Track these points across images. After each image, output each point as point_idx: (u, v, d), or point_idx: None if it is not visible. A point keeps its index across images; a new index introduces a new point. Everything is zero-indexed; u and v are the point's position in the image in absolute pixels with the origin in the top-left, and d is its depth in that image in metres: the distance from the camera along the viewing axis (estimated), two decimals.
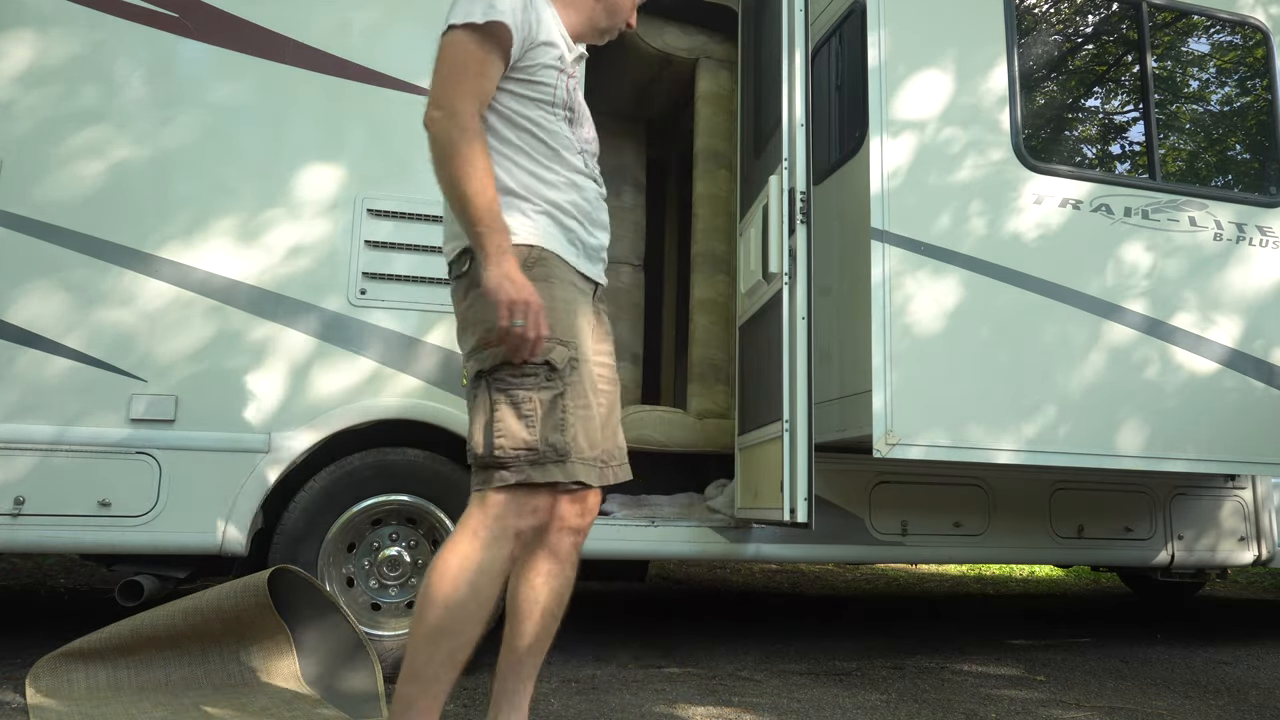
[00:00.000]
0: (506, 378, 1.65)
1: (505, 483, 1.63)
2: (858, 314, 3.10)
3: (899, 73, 3.15)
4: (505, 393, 1.65)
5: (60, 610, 3.95)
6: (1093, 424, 3.15)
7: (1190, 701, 2.90)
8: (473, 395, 1.70)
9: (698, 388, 3.85)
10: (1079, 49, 3.57)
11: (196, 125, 2.82)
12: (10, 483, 2.52)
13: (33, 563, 5.38)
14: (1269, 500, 4.02)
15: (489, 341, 1.66)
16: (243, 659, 2.47)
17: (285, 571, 2.53)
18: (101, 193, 2.71)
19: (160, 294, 2.71)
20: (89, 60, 2.76)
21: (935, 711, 2.64)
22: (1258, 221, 3.50)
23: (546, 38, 1.78)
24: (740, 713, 2.54)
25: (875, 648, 3.69)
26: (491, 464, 1.64)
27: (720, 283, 3.94)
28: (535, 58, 1.76)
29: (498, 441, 1.63)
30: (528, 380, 1.65)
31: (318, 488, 2.78)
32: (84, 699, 2.28)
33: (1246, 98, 3.72)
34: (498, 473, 1.64)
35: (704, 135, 4.03)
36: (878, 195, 3.04)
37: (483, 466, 1.66)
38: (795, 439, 2.72)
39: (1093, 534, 3.71)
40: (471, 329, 1.72)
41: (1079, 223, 3.27)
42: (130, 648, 2.39)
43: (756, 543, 3.20)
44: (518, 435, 1.63)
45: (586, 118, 1.91)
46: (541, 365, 1.66)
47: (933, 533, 3.49)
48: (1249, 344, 3.40)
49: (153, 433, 2.64)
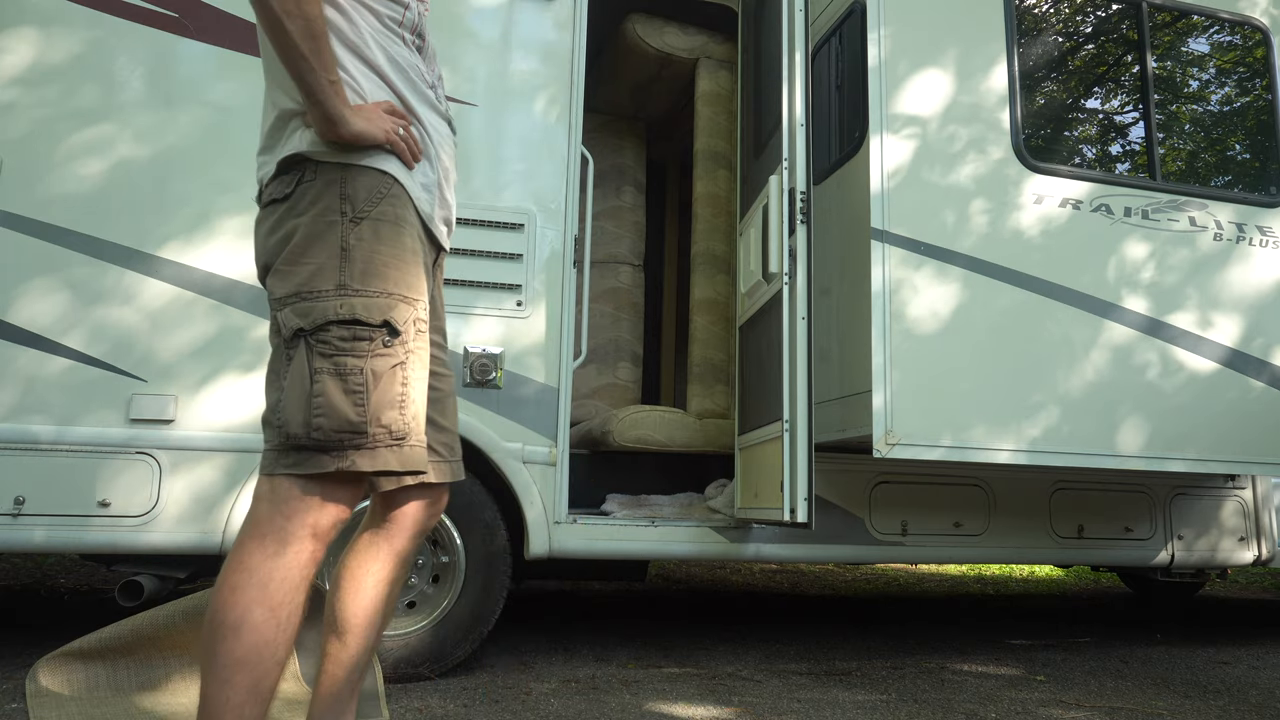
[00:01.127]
0: (335, 340, 1.34)
1: (321, 469, 1.32)
2: (858, 314, 3.10)
3: (899, 72, 3.15)
4: (331, 359, 1.33)
5: (60, 610, 3.95)
6: (1093, 424, 3.16)
7: (1190, 701, 2.90)
8: (285, 356, 1.36)
9: (698, 388, 3.85)
10: (1079, 49, 3.57)
11: (196, 125, 2.82)
12: (10, 483, 2.52)
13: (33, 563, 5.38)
14: (1269, 500, 4.02)
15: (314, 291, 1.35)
16: None
17: None
18: (102, 192, 2.71)
19: (160, 294, 2.71)
20: (89, 60, 2.76)
21: (935, 711, 2.64)
22: (1258, 221, 3.50)
23: None
24: (740, 713, 2.54)
25: (875, 648, 3.69)
26: (307, 445, 1.32)
27: (720, 283, 3.94)
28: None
29: (316, 421, 1.32)
30: (360, 345, 1.34)
31: None
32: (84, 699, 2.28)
33: (1246, 98, 3.72)
34: (315, 456, 1.33)
35: (704, 135, 4.03)
36: (878, 195, 3.04)
37: (293, 448, 1.33)
38: (795, 439, 2.72)
39: (1093, 534, 3.71)
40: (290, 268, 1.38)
41: (1079, 222, 3.27)
42: (130, 648, 2.39)
43: (756, 543, 3.20)
44: (342, 414, 1.32)
45: (435, 54, 1.67)
46: (380, 326, 1.36)
47: (933, 533, 3.49)
48: (1249, 344, 3.40)
49: (153, 433, 2.64)
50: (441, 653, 2.81)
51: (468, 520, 2.88)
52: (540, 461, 2.94)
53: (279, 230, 1.41)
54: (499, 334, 2.96)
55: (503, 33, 3.13)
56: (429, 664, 2.79)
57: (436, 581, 2.88)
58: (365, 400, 1.34)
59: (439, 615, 2.82)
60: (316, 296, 1.35)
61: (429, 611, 2.83)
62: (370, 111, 1.42)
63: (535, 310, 3.00)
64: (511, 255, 3.01)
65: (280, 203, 1.42)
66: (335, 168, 1.41)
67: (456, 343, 2.91)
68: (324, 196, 1.39)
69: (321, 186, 1.40)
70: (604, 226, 4.63)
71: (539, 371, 2.98)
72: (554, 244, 3.06)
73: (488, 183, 3.03)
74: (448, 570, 2.88)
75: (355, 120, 1.39)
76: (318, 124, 1.39)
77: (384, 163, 1.44)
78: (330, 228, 1.38)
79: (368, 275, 1.37)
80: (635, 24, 4.06)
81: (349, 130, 1.38)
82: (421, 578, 2.89)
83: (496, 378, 2.93)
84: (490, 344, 2.95)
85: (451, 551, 2.88)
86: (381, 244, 1.40)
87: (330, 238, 1.37)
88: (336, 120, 1.37)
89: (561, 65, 3.17)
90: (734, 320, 3.87)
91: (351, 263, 1.37)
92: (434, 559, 2.90)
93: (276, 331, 1.39)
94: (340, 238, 1.38)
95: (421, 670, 2.77)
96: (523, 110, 3.11)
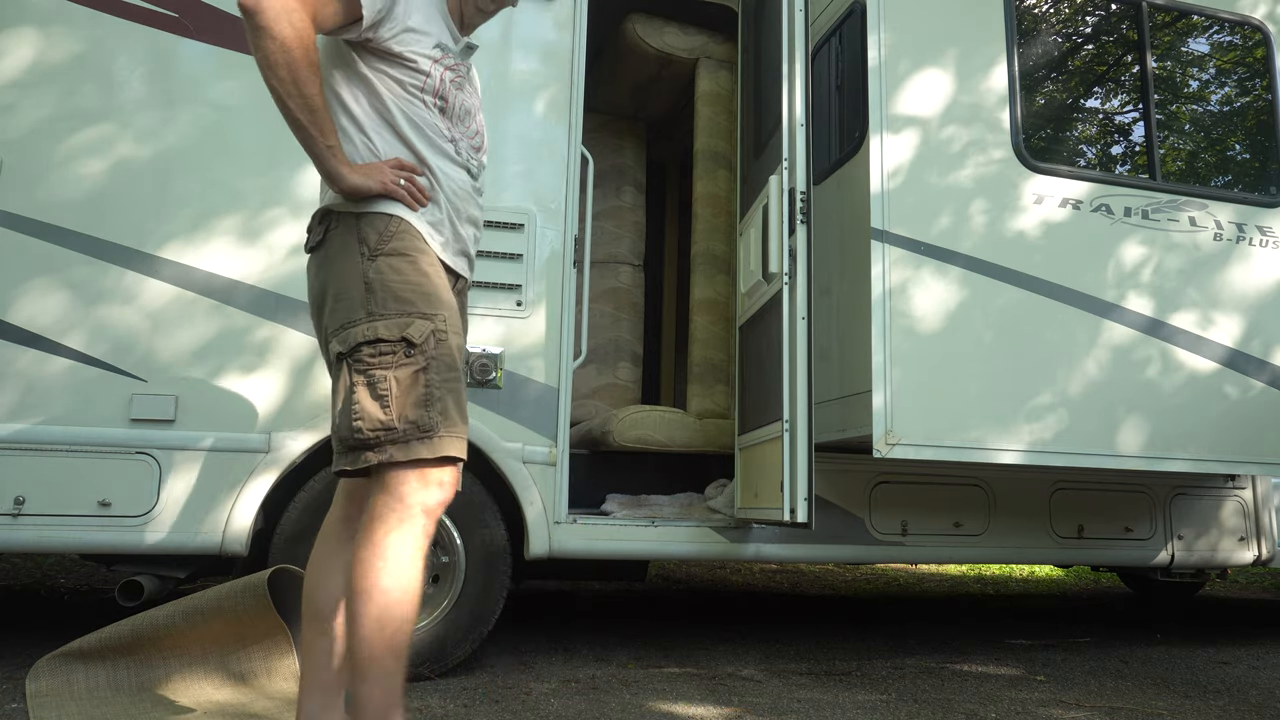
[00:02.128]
0: (365, 358, 1.61)
1: (367, 463, 1.59)
2: (858, 314, 3.10)
3: (899, 72, 3.15)
4: (363, 373, 1.61)
5: (60, 610, 3.95)
6: (1093, 424, 3.16)
7: (1190, 701, 2.90)
8: (335, 378, 1.66)
9: (698, 388, 3.85)
10: (1079, 49, 3.57)
11: (197, 125, 2.82)
12: (10, 483, 2.52)
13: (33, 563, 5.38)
14: (1269, 500, 4.02)
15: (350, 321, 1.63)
16: (243, 659, 2.47)
17: (285, 571, 2.53)
18: (102, 192, 2.71)
19: (161, 294, 2.71)
20: (89, 60, 2.76)
21: (935, 711, 2.64)
22: (1258, 221, 3.50)
23: (418, 25, 1.74)
24: (740, 713, 2.54)
25: (875, 648, 3.69)
26: (355, 444, 1.60)
27: (720, 283, 3.94)
28: (406, 43, 1.71)
29: (355, 424, 1.59)
30: (385, 358, 1.61)
31: (318, 488, 2.78)
32: (84, 699, 2.28)
33: (1246, 98, 3.72)
34: (362, 454, 1.60)
35: (704, 135, 4.03)
36: (878, 195, 3.04)
37: (348, 449, 1.61)
38: (795, 439, 2.72)
39: (1093, 534, 3.71)
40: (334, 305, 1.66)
41: (1079, 222, 3.27)
42: (130, 648, 2.39)
43: (756, 543, 3.20)
44: (374, 416, 1.59)
45: (470, 113, 1.86)
46: (398, 341, 1.61)
47: (933, 533, 3.49)
48: (1249, 344, 3.40)
49: (153, 433, 2.64)
50: (441, 653, 2.81)
51: (468, 520, 2.88)
52: (540, 461, 2.94)
53: (320, 274, 1.70)
54: (499, 334, 2.96)
55: (503, 33, 3.13)
56: (429, 664, 2.79)
57: (436, 581, 2.88)
58: (390, 403, 1.59)
59: (439, 615, 2.82)
60: (351, 324, 1.63)
61: (429, 611, 2.83)
62: (369, 167, 1.67)
63: (535, 310, 3.00)
64: (511, 255, 3.01)
65: (317, 250, 1.72)
66: (350, 216, 1.69)
67: None
68: (346, 242, 1.68)
69: (343, 233, 1.68)
70: (604, 226, 4.63)
71: (539, 371, 2.98)
72: (554, 244, 3.06)
73: (488, 183, 3.03)
74: (448, 570, 2.88)
75: (352, 176, 1.65)
76: (324, 181, 1.68)
77: (389, 207, 1.69)
78: (354, 266, 1.66)
79: (387, 300, 1.63)
80: (635, 24, 4.06)
81: (346, 185, 1.65)
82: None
83: (496, 378, 2.93)
84: (490, 344, 2.95)
85: (451, 552, 2.88)
86: (396, 273, 1.65)
87: (355, 275, 1.65)
88: (335, 177, 1.65)
89: (561, 65, 3.17)
90: (734, 320, 3.87)
91: (373, 293, 1.63)
92: (434, 559, 2.90)
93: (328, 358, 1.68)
94: (362, 274, 1.65)
95: (421, 670, 2.77)
96: (523, 110, 3.11)
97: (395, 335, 1.61)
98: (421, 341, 1.62)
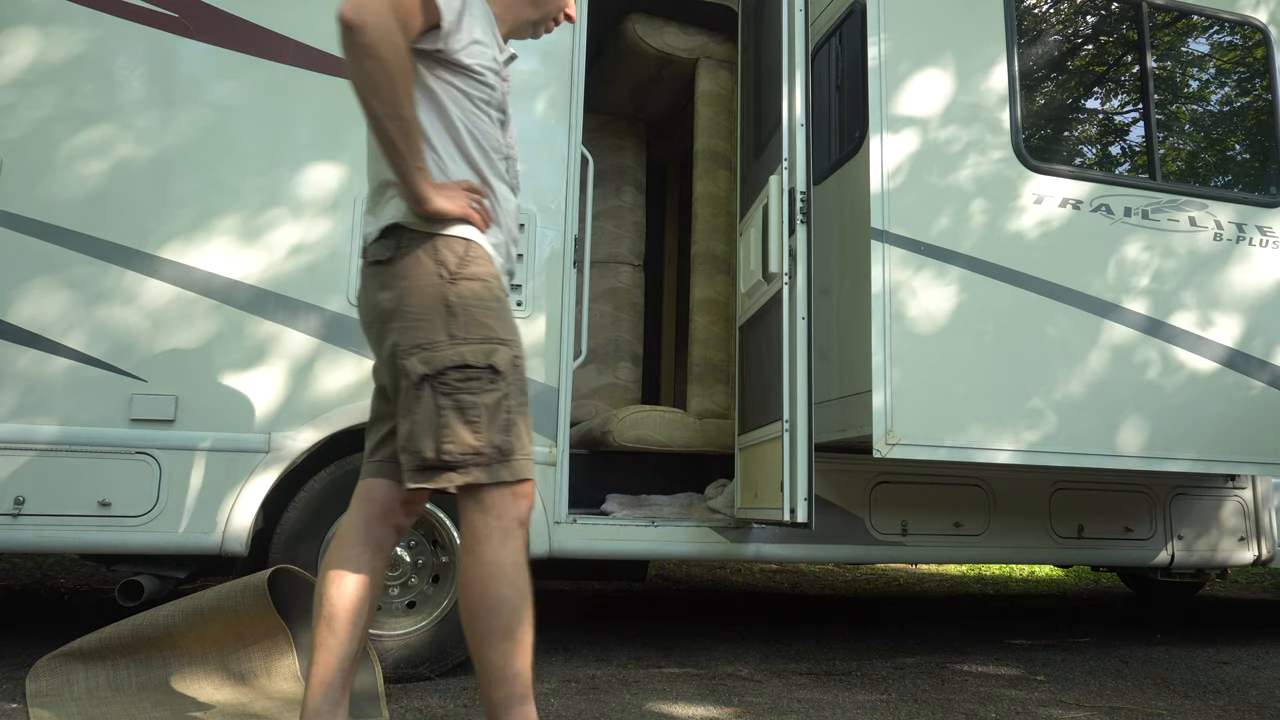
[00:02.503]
0: (453, 383, 1.64)
1: (449, 483, 1.65)
2: (858, 314, 3.10)
3: (899, 72, 3.15)
4: (451, 398, 1.64)
5: (60, 610, 3.95)
6: (1093, 424, 3.16)
7: (1190, 701, 2.90)
8: (414, 395, 1.67)
9: (698, 388, 3.85)
10: (1079, 49, 3.57)
11: (197, 125, 2.82)
12: (10, 483, 2.52)
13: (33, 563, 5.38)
14: (1269, 500, 4.02)
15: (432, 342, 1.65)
16: (243, 659, 2.47)
17: (285, 571, 2.53)
18: (102, 192, 2.71)
19: (161, 294, 2.71)
20: (89, 60, 2.76)
21: (935, 711, 2.64)
22: (1258, 221, 3.50)
23: (482, 36, 1.76)
24: (740, 713, 2.54)
25: (875, 648, 3.69)
26: (438, 465, 1.64)
27: (720, 283, 3.94)
28: (475, 55, 1.73)
29: (445, 447, 1.63)
30: (473, 384, 1.65)
31: (318, 488, 2.78)
32: (84, 699, 2.28)
33: (1246, 98, 3.72)
34: (444, 474, 1.64)
35: (704, 135, 4.03)
36: (878, 195, 3.04)
37: (427, 468, 1.66)
38: (795, 439, 2.72)
39: (1093, 534, 3.71)
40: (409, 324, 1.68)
41: (1079, 222, 3.27)
42: (130, 648, 2.39)
43: (756, 543, 3.20)
44: (465, 441, 1.64)
45: (511, 121, 1.91)
46: (485, 369, 1.67)
47: (933, 533, 3.49)
48: (1249, 344, 3.40)
49: (153, 433, 2.64)
50: (441, 653, 2.81)
51: None
52: (540, 461, 2.94)
53: (388, 289, 1.70)
54: None
55: None
56: (429, 664, 2.79)
57: (436, 581, 2.88)
58: (481, 429, 1.64)
59: (439, 615, 2.82)
60: (434, 347, 1.65)
61: (429, 611, 2.84)
62: (451, 190, 1.70)
63: (535, 310, 3.00)
64: None
65: (384, 265, 1.71)
66: (426, 236, 1.69)
67: None
68: (423, 262, 1.68)
69: (419, 252, 1.69)
70: (604, 226, 4.63)
71: (539, 371, 2.98)
72: (554, 244, 3.06)
73: None
74: (448, 570, 2.88)
75: (438, 199, 1.67)
76: (408, 201, 1.67)
77: (465, 231, 1.71)
78: (434, 288, 1.67)
79: (470, 325, 1.67)
80: (635, 24, 4.06)
81: (433, 208, 1.66)
82: (421, 578, 2.89)
83: None
84: None
85: (451, 552, 2.88)
86: (476, 298, 1.68)
87: (434, 296, 1.67)
88: (423, 199, 1.65)
89: (561, 65, 3.17)
90: (734, 320, 3.88)
91: (455, 316, 1.66)
92: (434, 559, 2.90)
93: (405, 375, 1.67)
94: (442, 296, 1.67)
95: (421, 670, 2.77)
96: (523, 110, 3.11)
97: (483, 362, 1.66)
98: (504, 369, 1.68)
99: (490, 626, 1.61)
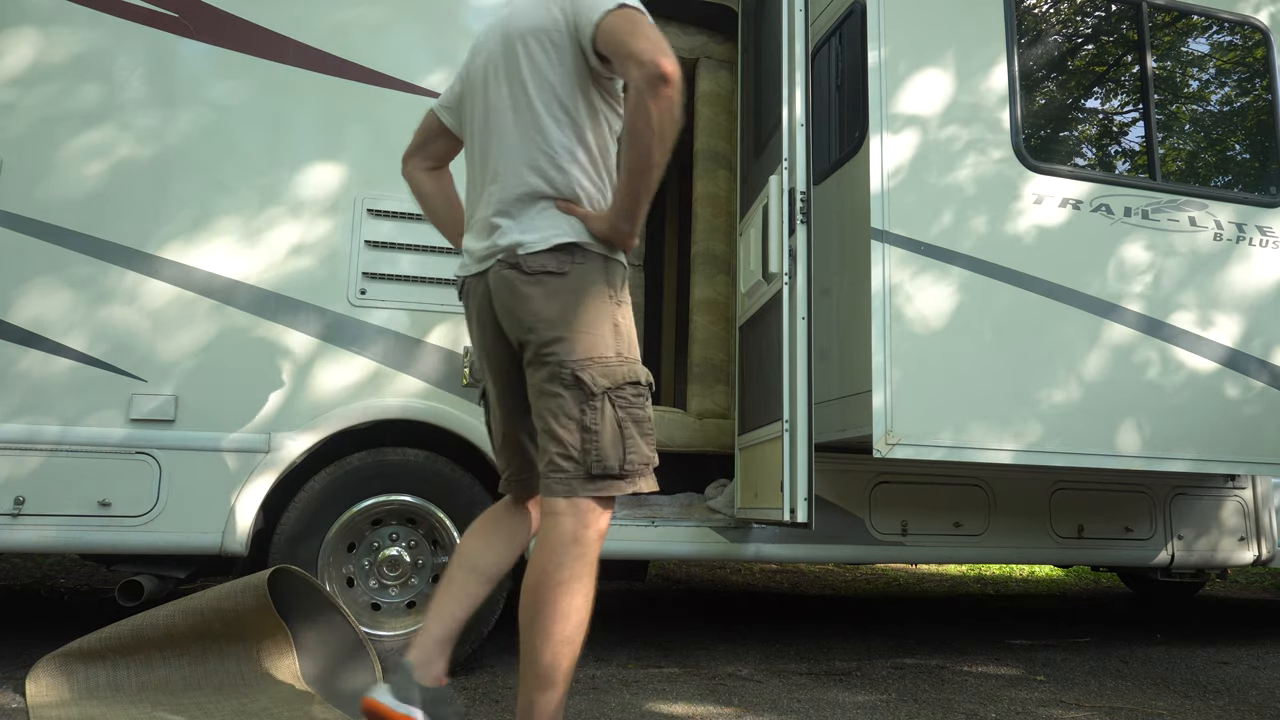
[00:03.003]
0: (629, 396, 1.76)
1: (619, 491, 1.74)
2: (858, 314, 3.10)
3: (899, 72, 3.15)
4: (628, 410, 1.75)
5: (60, 610, 3.95)
6: (1093, 424, 3.15)
7: (1190, 701, 2.90)
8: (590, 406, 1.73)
9: (698, 388, 3.85)
10: (1079, 49, 3.57)
11: (197, 125, 2.82)
12: (10, 483, 2.52)
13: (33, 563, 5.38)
14: (1269, 500, 4.02)
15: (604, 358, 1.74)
16: (242, 659, 2.47)
17: (285, 571, 2.53)
18: (102, 192, 2.71)
19: (161, 294, 2.71)
20: (89, 60, 2.76)
21: (935, 711, 2.64)
22: (1258, 221, 3.50)
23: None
24: (740, 713, 2.54)
25: (875, 648, 3.69)
26: (615, 474, 1.73)
27: (720, 283, 3.94)
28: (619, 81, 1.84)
29: (629, 457, 1.73)
30: (642, 399, 1.78)
31: (318, 488, 2.78)
32: (84, 699, 2.28)
33: (1246, 98, 3.72)
34: (613, 483, 1.73)
35: (704, 135, 4.03)
36: (878, 195, 3.04)
37: (597, 477, 1.72)
38: (795, 439, 2.72)
39: (1093, 534, 3.71)
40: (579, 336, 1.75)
41: (1079, 223, 3.27)
42: (130, 648, 2.39)
43: (756, 543, 3.20)
44: (644, 451, 1.77)
45: None
46: (646, 385, 1.80)
47: (933, 533, 3.49)
48: (1249, 344, 3.40)
49: (153, 433, 2.64)
50: None
51: (467, 519, 2.88)
52: None
53: (555, 300, 1.76)
54: None
55: None
56: None
57: (437, 581, 2.88)
58: (651, 441, 1.79)
59: None
60: (607, 362, 1.74)
61: None
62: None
63: None
64: None
65: (554, 276, 1.76)
66: (599, 257, 1.79)
67: (457, 342, 2.91)
68: (596, 281, 1.77)
69: (593, 273, 1.77)
70: None
71: None
72: None
73: None
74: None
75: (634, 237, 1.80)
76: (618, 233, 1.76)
77: (621, 257, 1.84)
78: (604, 307, 1.77)
79: (630, 345, 1.80)
80: None
81: (634, 242, 1.79)
82: (421, 578, 2.89)
83: None
84: None
85: (451, 551, 2.88)
86: (628, 321, 1.81)
87: (605, 314, 1.77)
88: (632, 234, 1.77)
89: None
90: (734, 320, 3.87)
91: (621, 336, 1.78)
92: (434, 559, 2.90)
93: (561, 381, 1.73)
94: (611, 316, 1.78)
95: None
96: None
97: (645, 379, 1.79)
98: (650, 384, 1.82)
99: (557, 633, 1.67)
